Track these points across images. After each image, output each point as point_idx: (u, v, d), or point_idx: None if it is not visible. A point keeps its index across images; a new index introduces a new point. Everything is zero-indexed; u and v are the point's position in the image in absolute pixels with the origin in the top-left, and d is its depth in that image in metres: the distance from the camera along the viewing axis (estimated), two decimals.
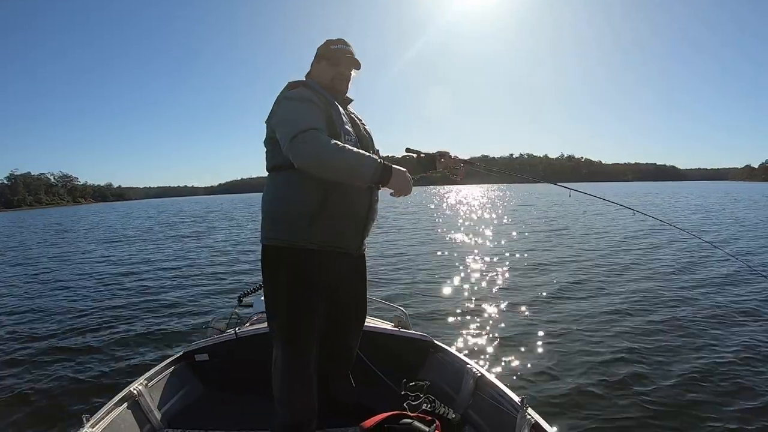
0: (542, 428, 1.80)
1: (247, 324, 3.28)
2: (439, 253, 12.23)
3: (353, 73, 2.14)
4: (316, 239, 1.88)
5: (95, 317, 6.72)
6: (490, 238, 15.40)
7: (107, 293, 8.45)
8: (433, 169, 2.35)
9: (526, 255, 11.35)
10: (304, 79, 2.11)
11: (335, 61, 2.07)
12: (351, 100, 2.17)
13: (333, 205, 1.87)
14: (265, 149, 2.01)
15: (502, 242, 14.13)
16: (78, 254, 14.75)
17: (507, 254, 11.58)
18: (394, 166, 1.77)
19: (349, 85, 2.14)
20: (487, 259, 10.99)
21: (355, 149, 1.73)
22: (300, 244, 1.88)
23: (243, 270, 10.70)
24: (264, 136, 2.03)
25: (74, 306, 7.51)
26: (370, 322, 2.90)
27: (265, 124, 1.99)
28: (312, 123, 1.75)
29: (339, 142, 1.72)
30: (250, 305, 3.71)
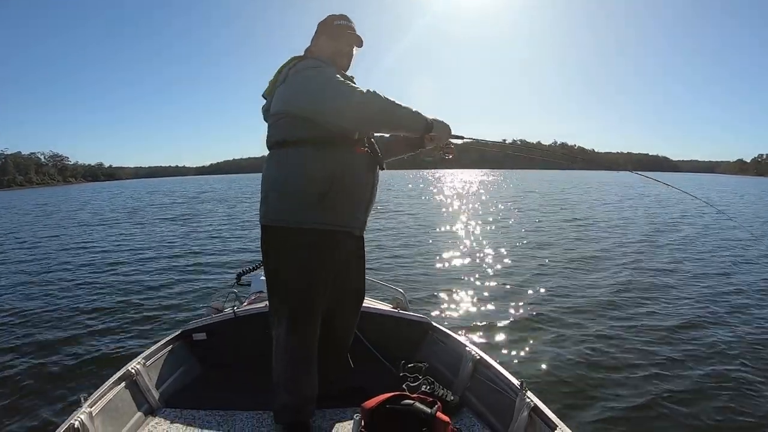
0: (541, 411, 1.81)
1: (245, 303, 3.26)
2: (437, 235, 12.37)
3: (354, 50, 2.11)
4: (324, 219, 1.87)
5: (91, 297, 6.69)
6: (488, 221, 15.56)
7: (103, 274, 8.39)
8: (422, 147, 2.29)
9: (524, 238, 11.53)
10: (304, 54, 2.07)
11: (336, 37, 2.04)
12: (351, 78, 2.13)
13: (341, 185, 1.85)
14: (267, 124, 1.98)
15: (501, 225, 14.31)
16: (72, 235, 14.57)
17: (505, 237, 11.74)
18: (434, 118, 1.94)
19: (351, 62, 2.11)
20: (486, 241, 11.10)
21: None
22: (308, 224, 1.85)
23: (239, 249, 10.73)
24: (260, 113, 2.04)
25: (70, 286, 7.46)
26: (369, 303, 2.89)
27: (268, 98, 1.98)
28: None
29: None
30: (248, 284, 3.70)
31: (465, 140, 2.30)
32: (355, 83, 2.08)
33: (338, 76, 1.85)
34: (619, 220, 14.99)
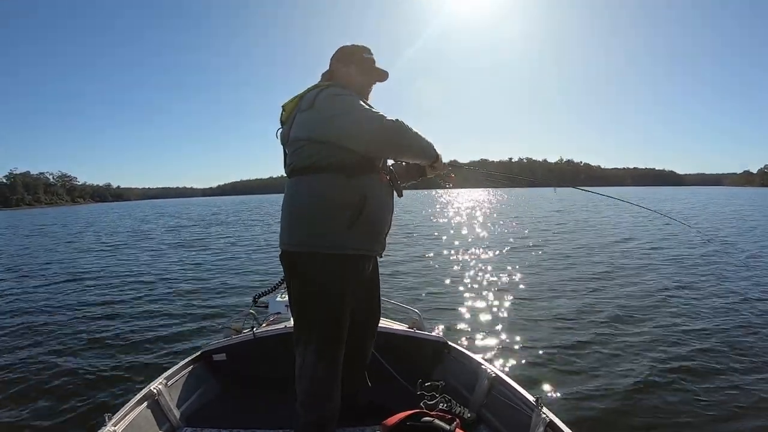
0: (557, 427, 1.84)
1: (264, 324, 3.33)
2: (451, 255, 12.32)
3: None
4: (354, 244, 1.89)
5: (113, 319, 6.74)
6: (501, 240, 15.50)
7: (123, 296, 8.43)
8: (423, 175, 2.34)
9: (537, 257, 11.50)
10: (323, 79, 2.10)
11: (367, 71, 2.10)
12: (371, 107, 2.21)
13: (369, 210, 1.89)
14: (289, 150, 1.99)
15: (513, 244, 14.27)
16: (90, 258, 14.58)
17: (518, 256, 11.74)
18: None
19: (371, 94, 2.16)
20: (499, 260, 11.11)
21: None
22: (338, 250, 1.87)
23: (254, 271, 10.76)
24: (278, 138, 2.05)
25: (92, 308, 7.51)
26: (385, 323, 2.94)
27: (286, 124, 1.99)
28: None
29: None
30: (266, 305, 3.76)
31: (466, 167, 2.39)
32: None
33: (364, 103, 1.91)
34: (637, 238, 14.91)
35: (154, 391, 2.29)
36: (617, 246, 13.10)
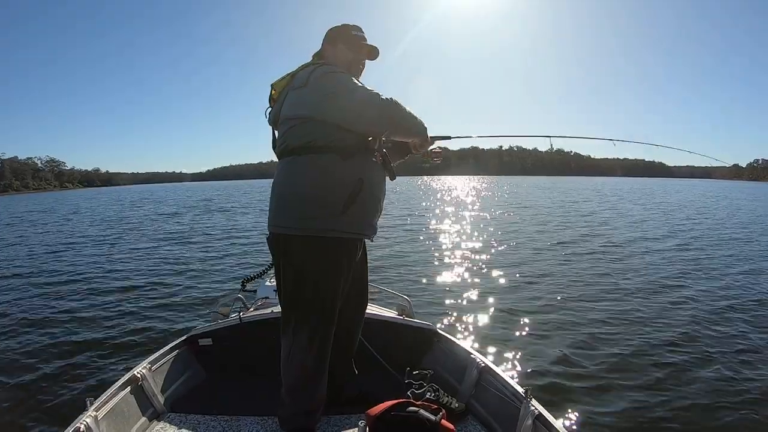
0: (546, 419, 1.81)
1: (251, 309, 3.29)
2: (442, 242, 12.40)
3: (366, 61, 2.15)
4: (348, 227, 1.86)
5: (98, 303, 6.69)
6: (492, 228, 15.59)
7: (109, 280, 8.38)
8: (408, 153, 2.32)
9: (529, 246, 11.56)
10: (315, 59, 2.08)
11: (356, 48, 2.05)
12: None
13: (364, 193, 1.86)
14: (281, 130, 1.95)
15: (505, 232, 14.33)
16: (78, 241, 14.47)
17: (510, 245, 11.80)
18: None
19: (362, 73, 2.13)
20: (492, 249, 11.16)
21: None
22: (332, 233, 1.84)
23: (243, 256, 10.77)
24: (268, 119, 2.04)
25: (76, 291, 7.48)
26: (374, 310, 2.91)
27: (276, 103, 1.98)
28: None
29: None
30: (254, 290, 3.72)
31: (451, 138, 2.34)
32: None
33: (357, 81, 1.88)
34: (626, 228, 15.03)
35: (138, 375, 2.25)
36: (614, 236, 13.23)
